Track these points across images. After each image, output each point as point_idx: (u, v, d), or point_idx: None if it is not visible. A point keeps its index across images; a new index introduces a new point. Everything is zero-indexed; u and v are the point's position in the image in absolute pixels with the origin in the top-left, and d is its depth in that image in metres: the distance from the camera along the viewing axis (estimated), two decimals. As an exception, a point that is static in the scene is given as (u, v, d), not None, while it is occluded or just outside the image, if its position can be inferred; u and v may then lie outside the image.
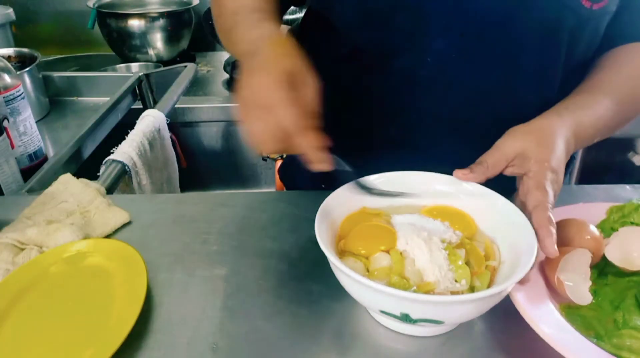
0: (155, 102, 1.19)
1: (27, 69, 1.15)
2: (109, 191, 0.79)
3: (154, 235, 0.64)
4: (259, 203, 0.70)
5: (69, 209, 0.67)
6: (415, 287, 0.47)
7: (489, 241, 0.53)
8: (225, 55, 1.69)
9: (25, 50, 1.25)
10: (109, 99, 1.16)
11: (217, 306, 0.53)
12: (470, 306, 0.44)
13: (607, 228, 0.59)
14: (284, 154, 0.52)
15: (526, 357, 0.48)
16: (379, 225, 0.54)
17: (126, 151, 0.91)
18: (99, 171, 0.86)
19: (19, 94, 0.93)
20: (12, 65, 0.97)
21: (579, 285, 0.49)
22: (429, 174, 0.58)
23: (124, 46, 1.64)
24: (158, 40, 1.64)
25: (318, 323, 0.51)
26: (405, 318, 0.44)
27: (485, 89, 0.64)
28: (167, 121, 1.09)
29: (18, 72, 1.05)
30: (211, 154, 1.53)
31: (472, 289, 0.48)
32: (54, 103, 1.30)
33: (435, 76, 0.64)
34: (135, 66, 1.65)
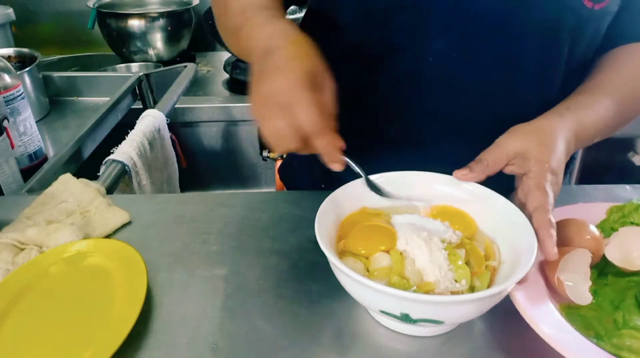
0: (155, 102, 1.19)
1: (27, 69, 1.15)
2: (109, 191, 0.79)
3: (154, 235, 0.64)
4: (259, 203, 0.70)
5: (69, 209, 0.67)
6: (415, 287, 0.47)
7: (489, 241, 0.53)
8: (226, 55, 1.69)
9: (25, 50, 1.25)
10: (109, 99, 1.16)
11: (217, 306, 0.53)
12: (470, 306, 0.44)
13: (607, 228, 0.59)
14: (299, 152, 0.51)
15: (526, 357, 0.48)
16: (379, 225, 0.54)
17: (126, 151, 0.91)
18: (99, 171, 0.86)
19: (19, 94, 0.93)
20: (12, 65, 0.97)
21: (579, 285, 0.49)
22: (429, 174, 0.58)
23: (124, 46, 1.64)
24: (158, 40, 1.64)
25: (318, 323, 0.51)
26: (405, 318, 0.44)
27: (485, 88, 0.64)
28: (167, 121, 1.09)
29: (18, 72, 1.05)
30: (211, 154, 1.53)
31: (472, 289, 0.48)
32: (54, 103, 1.30)
33: (436, 76, 0.64)
34: (135, 66, 1.65)
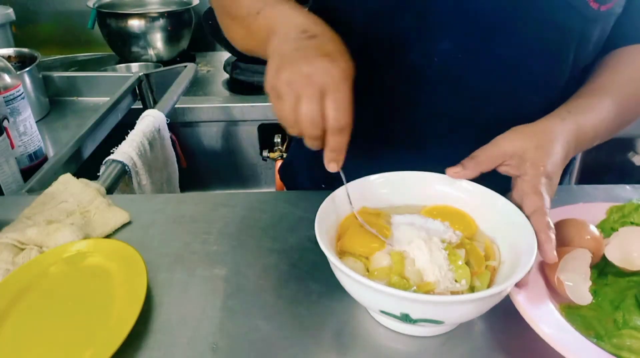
0: (155, 102, 1.19)
1: (27, 69, 1.15)
2: (109, 191, 0.79)
3: (154, 235, 0.64)
4: (259, 203, 0.70)
5: (69, 209, 0.67)
6: (415, 287, 0.47)
7: (489, 241, 0.53)
8: (226, 55, 1.69)
9: (25, 50, 1.25)
10: (109, 99, 1.16)
11: (217, 306, 0.53)
12: (470, 306, 0.44)
13: (607, 228, 0.59)
14: (308, 140, 0.51)
15: (526, 357, 0.48)
16: (375, 223, 0.54)
17: (126, 151, 0.91)
18: (99, 171, 0.86)
19: (19, 94, 0.93)
20: (12, 65, 0.97)
21: (579, 285, 0.49)
22: (429, 174, 0.58)
23: (124, 46, 1.64)
24: (158, 40, 1.64)
25: (318, 323, 0.51)
26: (405, 318, 0.44)
27: (490, 89, 0.64)
28: (167, 121, 1.09)
29: (18, 72, 1.05)
30: (211, 154, 1.53)
31: (472, 289, 0.48)
32: (54, 103, 1.30)
33: (441, 76, 0.64)
34: (135, 66, 1.65)
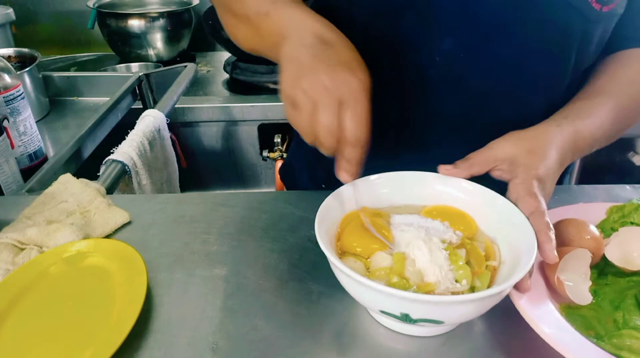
0: (155, 102, 1.19)
1: (27, 69, 1.15)
2: (109, 191, 0.79)
3: (154, 235, 0.64)
4: (259, 203, 0.70)
5: (69, 209, 0.67)
6: (415, 287, 0.47)
7: (489, 241, 0.53)
8: (225, 55, 1.69)
9: (25, 50, 1.25)
10: (109, 99, 1.16)
11: (217, 306, 0.53)
12: (470, 307, 0.44)
13: (607, 228, 0.59)
14: (324, 151, 0.50)
15: (526, 357, 0.48)
16: (375, 222, 0.53)
17: (126, 151, 0.91)
18: (99, 171, 0.86)
19: (19, 94, 0.93)
20: (12, 65, 0.97)
21: (579, 285, 0.49)
22: (429, 174, 0.58)
23: (124, 46, 1.64)
24: (158, 40, 1.64)
25: (318, 323, 0.51)
26: (405, 318, 0.44)
27: (491, 90, 0.64)
28: (167, 121, 1.09)
29: (18, 72, 1.05)
30: (211, 154, 1.53)
31: (473, 289, 0.48)
32: (54, 103, 1.30)
33: (443, 76, 0.64)
34: (135, 66, 1.65)
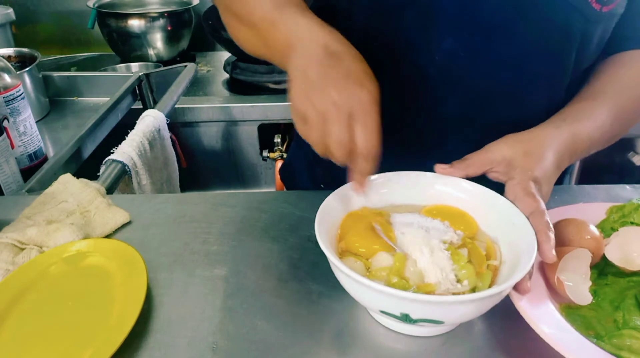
0: (155, 102, 1.19)
1: (27, 69, 1.15)
2: (109, 191, 0.79)
3: (154, 235, 0.64)
4: (259, 203, 0.70)
5: (69, 209, 0.67)
6: (415, 287, 0.47)
7: (490, 241, 0.53)
8: (226, 55, 1.69)
9: (25, 50, 1.25)
10: (109, 99, 1.16)
11: (217, 307, 0.53)
12: (470, 307, 0.44)
13: (607, 228, 0.59)
14: (340, 163, 0.51)
15: (526, 357, 0.48)
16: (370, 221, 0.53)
17: (126, 151, 0.91)
18: (99, 171, 0.86)
19: (19, 94, 0.93)
20: (12, 65, 0.97)
21: (579, 285, 0.49)
22: (429, 174, 0.58)
23: (124, 46, 1.64)
24: (158, 40, 1.64)
25: (318, 323, 0.51)
26: (405, 318, 0.44)
27: (491, 90, 0.64)
28: (167, 121, 1.09)
29: (18, 72, 1.05)
30: (211, 154, 1.53)
31: (474, 289, 0.48)
32: (54, 103, 1.30)
33: (443, 76, 0.64)
34: (135, 66, 1.65)
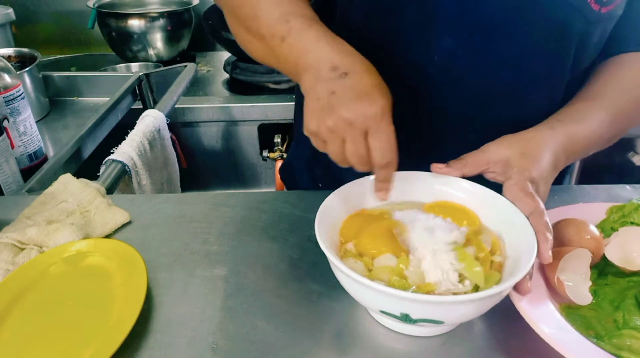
0: (155, 102, 1.19)
1: (27, 69, 1.15)
2: (109, 191, 0.79)
3: (154, 235, 0.64)
4: (259, 203, 0.70)
5: (69, 209, 0.67)
6: (414, 287, 0.47)
7: (495, 237, 0.53)
8: (226, 55, 1.69)
9: (25, 50, 1.25)
10: (109, 99, 1.16)
11: (217, 307, 0.53)
12: (470, 307, 0.44)
13: (607, 228, 0.59)
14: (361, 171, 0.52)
15: (526, 357, 0.48)
16: (389, 224, 0.53)
17: (126, 151, 0.91)
18: (99, 171, 0.86)
19: (19, 94, 0.93)
20: (12, 65, 0.97)
21: (579, 285, 0.49)
22: (429, 174, 0.58)
23: (124, 45, 1.64)
24: (158, 40, 1.64)
25: (318, 323, 0.51)
26: (405, 318, 0.44)
27: (491, 89, 0.64)
28: (167, 121, 1.09)
29: (18, 72, 1.05)
30: (211, 154, 1.53)
31: (477, 288, 0.48)
32: (54, 103, 1.30)
33: (443, 75, 0.64)
34: (135, 66, 1.65)
